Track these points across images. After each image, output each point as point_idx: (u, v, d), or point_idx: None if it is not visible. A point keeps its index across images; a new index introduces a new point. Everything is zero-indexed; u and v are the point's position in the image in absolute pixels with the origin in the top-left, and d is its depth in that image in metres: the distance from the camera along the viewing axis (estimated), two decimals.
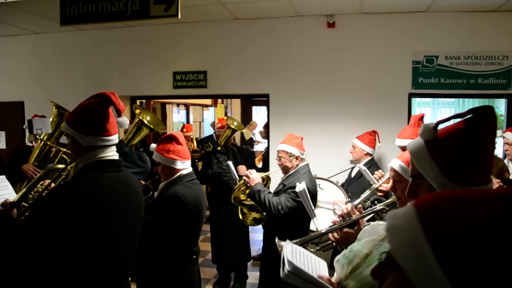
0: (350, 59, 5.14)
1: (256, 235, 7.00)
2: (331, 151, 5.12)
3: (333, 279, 1.57)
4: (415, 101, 7.81)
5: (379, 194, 3.24)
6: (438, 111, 9.54)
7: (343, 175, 4.76)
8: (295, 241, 2.19)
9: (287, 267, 1.54)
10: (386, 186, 3.13)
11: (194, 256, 2.85)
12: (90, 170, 2.00)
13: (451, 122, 1.31)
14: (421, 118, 3.94)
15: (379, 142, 4.53)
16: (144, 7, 3.62)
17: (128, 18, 3.74)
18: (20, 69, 6.28)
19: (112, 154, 2.08)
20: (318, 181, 4.30)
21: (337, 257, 1.55)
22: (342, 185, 4.52)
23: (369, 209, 2.47)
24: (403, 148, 3.82)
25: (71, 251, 1.85)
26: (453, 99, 9.10)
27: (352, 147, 4.53)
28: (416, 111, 7.72)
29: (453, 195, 0.70)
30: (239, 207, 4.25)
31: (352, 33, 5.13)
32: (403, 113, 5.02)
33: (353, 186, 4.23)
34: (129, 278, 2.22)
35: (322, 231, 2.30)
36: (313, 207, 2.70)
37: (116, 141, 2.11)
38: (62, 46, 6.12)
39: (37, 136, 3.47)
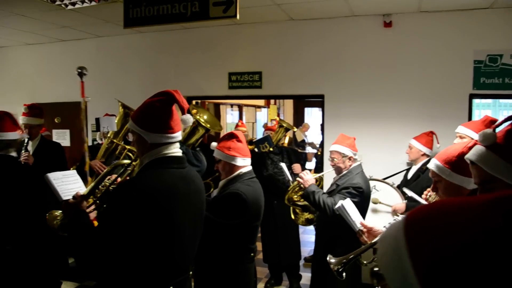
0: (408, 59, 5.02)
1: (307, 236, 6.98)
2: (387, 153, 5.02)
3: None
4: (474, 102, 7.50)
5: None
6: (500, 113, 9.12)
7: (398, 176, 4.67)
8: (348, 257, 2.19)
9: None
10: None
11: (252, 254, 2.89)
12: (154, 166, 2.05)
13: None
14: (492, 121, 3.72)
15: (438, 143, 4.39)
16: (203, 9, 3.69)
17: (188, 20, 3.84)
18: None
19: (175, 150, 2.13)
20: (373, 183, 4.27)
21: None
22: (398, 187, 4.43)
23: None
24: (461, 136, 3.72)
25: (134, 244, 1.90)
26: None
27: (409, 148, 4.44)
28: (475, 113, 7.40)
29: (445, 206, 0.67)
30: (291, 207, 4.29)
31: (409, 32, 5.01)
32: (464, 115, 4.82)
33: (410, 187, 4.12)
34: (191, 273, 2.28)
35: (372, 242, 2.27)
36: (355, 222, 2.71)
37: (180, 138, 2.15)
38: (122, 49, 6.38)
39: (105, 134, 3.69)
